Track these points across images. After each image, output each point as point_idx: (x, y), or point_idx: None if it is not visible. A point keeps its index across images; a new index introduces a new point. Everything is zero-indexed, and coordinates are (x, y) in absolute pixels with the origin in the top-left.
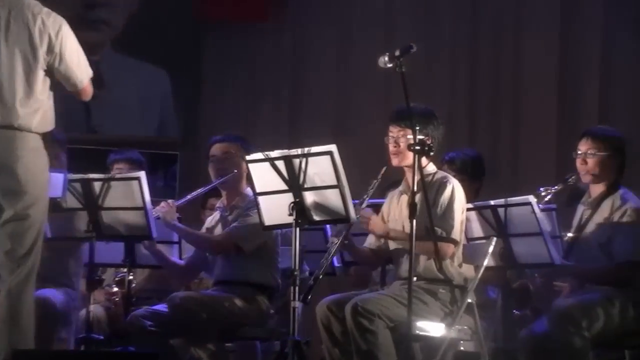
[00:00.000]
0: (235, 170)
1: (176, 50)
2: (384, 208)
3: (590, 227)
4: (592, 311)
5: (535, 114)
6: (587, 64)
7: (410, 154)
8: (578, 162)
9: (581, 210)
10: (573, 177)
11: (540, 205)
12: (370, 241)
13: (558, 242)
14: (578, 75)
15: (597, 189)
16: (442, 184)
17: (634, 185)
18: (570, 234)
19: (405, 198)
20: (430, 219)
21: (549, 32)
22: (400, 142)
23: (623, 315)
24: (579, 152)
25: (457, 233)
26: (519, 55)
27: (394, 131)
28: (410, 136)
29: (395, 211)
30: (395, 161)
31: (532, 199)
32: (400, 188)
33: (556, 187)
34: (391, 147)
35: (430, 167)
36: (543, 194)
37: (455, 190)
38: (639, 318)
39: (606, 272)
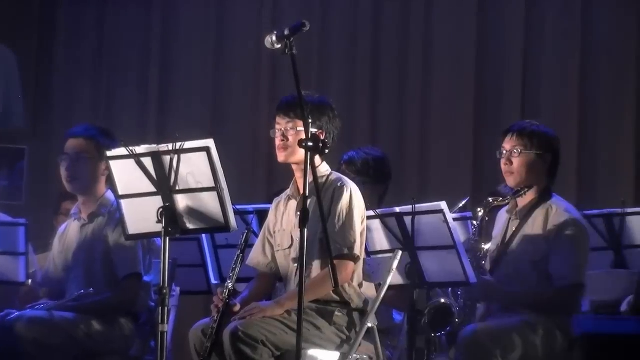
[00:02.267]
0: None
1: (23, 26)
2: (270, 217)
3: (519, 241)
4: (508, 339)
5: (447, 109)
6: (508, 57)
7: (300, 150)
8: (502, 163)
9: (505, 220)
10: (526, 189)
11: (454, 214)
12: (258, 260)
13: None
14: (498, 70)
15: (526, 197)
16: (337, 189)
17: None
18: (486, 246)
19: (293, 204)
20: (325, 231)
21: (464, 18)
22: (289, 135)
23: (549, 343)
24: (503, 150)
25: (358, 248)
26: (429, 45)
27: (281, 123)
28: (301, 129)
29: (283, 220)
30: (281, 157)
31: (444, 205)
32: (288, 192)
33: (507, 198)
34: (277, 141)
35: (324, 168)
36: (495, 204)
37: (353, 196)
38: (569, 345)
39: (546, 298)
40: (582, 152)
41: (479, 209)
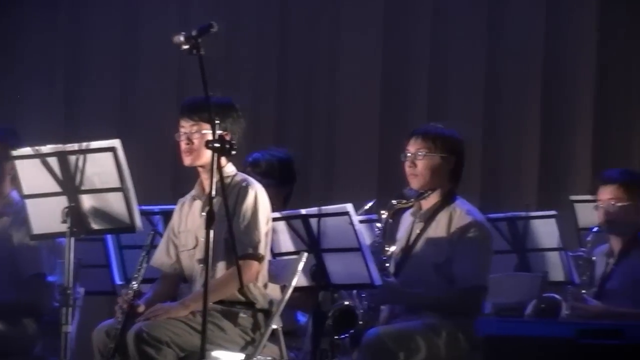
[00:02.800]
0: None
1: None
2: (174, 217)
3: (422, 244)
4: (412, 341)
5: (354, 111)
6: (415, 60)
7: (206, 152)
8: (406, 165)
9: (409, 223)
10: (430, 192)
11: (359, 216)
12: (162, 261)
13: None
14: (404, 73)
15: (429, 200)
16: (242, 189)
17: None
18: (390, 249)
19: (198, 204)
20: (231, 231)
21: (372, 20)
22: (194, 138)
23: (452, 345)
24: (408, 153)
25: (263, 247)
26: (336, 46)
27: (185, 126)
28: (205, 131)
29: (187, 220)
30: (187, 160)
31: (349, 207)
32: (193, 192)
33: (412, 201)
34: (183, 145)
35: (229, 169)
36: (400, 206)
37: (258, 196)
38: (472, 347)
39: (448, 299)
40: (486, 155)
41: (383, 212)
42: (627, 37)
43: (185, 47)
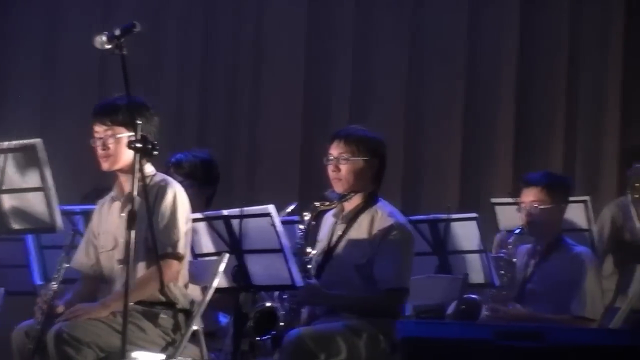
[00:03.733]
0: None
1: None
2: (94, 218)
3: (344, 245)
4: (333, 343)
5: (277, 113)
6: (337, 61)
7: (124, 155)
8: (330, 169)
9: (331, 224)
10: (352, 194)
11: (281, 218)
12: (81, 262)
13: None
14: (327, 74)
15: (352, 201)
16: (161, 189)
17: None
18: (312, 250)
19: (117, 205)
20: (152, 230)
21: (295, 18)
22: (109, 143)
23: (373, 347)
24: (331, 157)
25: (182, 247)
26: (260, 47)
27: (99, 131)
28: (120, 135)
29: (107, 221)
30: (105, 165)
31: (271, 209)
32: (112, 193)
33: (334, 203)
34: (99, 150)
35: (148, 169)
36: (322, 208)
37: (177, 196)
38: (392, 349)
39: (369, 301)
40: (407, 157)
41: (305, 213)
42: (547, 39)
43: (108, 47)
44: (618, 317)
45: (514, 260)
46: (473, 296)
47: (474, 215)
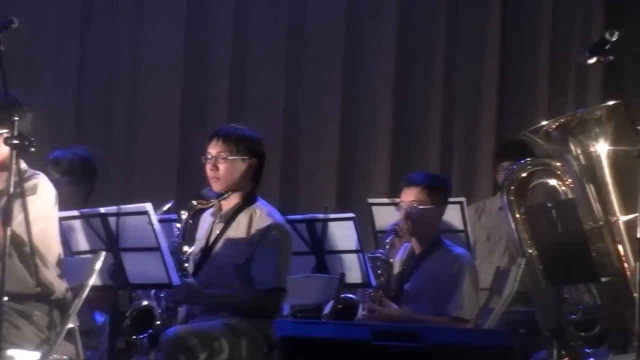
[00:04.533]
0: None
1: None
2: None
3: (222, 244)
4: (215, 341)
5: (154, 110)
6: (216, 59)
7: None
8: (208, 168)
9: (209, 223)
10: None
11: (159, 216)
12: None
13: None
14: (206, 73)
15: (229, 201)
16: (29, 183)
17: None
18: (190, 249)
19: None
20: (28, 228)
21: (173, 17)
22: None
23: (252, 347)
24: (209, 155)
25: (54, 242)
26: (138, 42)
27: None
28: None
29: None
30: None
31: (149, 207)
32: None
33: (211, 201)
34: None
35: (21, 165)
36: (199, 207)
37: (44, 189)
38: (269, 349)
39: (247, 300)
40: (285, 157)
41: (182, 212)
42: (423, 38)
43: None
44: (492, 317)
45: (391, 260)
46: (350, 296)
47: (351, 215)
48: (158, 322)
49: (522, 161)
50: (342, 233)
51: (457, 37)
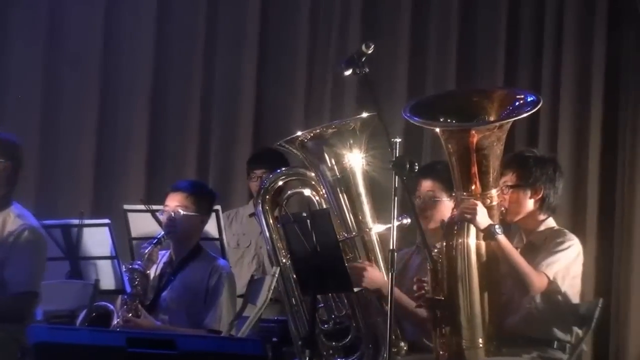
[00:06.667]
0: None
1: None
2: None
3: None
4: None
5: None
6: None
7: None
8: None
9: None
10: None
11: None
12: None
13: None
14: None
15: None
16: None
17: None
18: None
19: None
20: None
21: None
22: None
23: (5, 353)
24: None
25: None
26: None
27: None
28: None
29: None
30: None
31: None
32: None
33: None
34: None
35: None
36: None
37: None
38: (22, 355)
39: None
40: (42, 161)
41: None
42: (182, 46)
43: None
44: (246, 326)
45: (148, 272)
46: (105, 303)
47: (106, 221)
48: None
49: (278, 170)
50: (98, 239)
51: (215, 44)
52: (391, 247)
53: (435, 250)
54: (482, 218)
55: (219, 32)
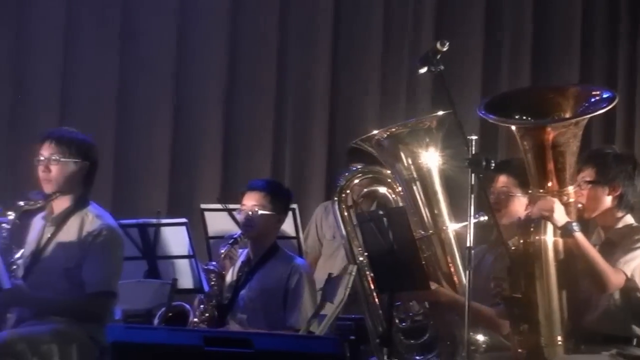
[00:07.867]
0: None
1: None
2: None
3: (52, 248)
4: (44, 345)
5: None
6: (48, 62)
7: None
8: (40, 170)
9: (41, 226)
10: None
11: None
12: None
13: None
14: (37, 74)
15: (61, 204)
16: None
17: None
18: (19, 252)
19: None
20: None
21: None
22: None
23: (84, 352)
24: (41, 157)
25: None
26: None
27: None
28: None
29: None
30: None
31: None
32: None
33: (39, 202)
34: None
35: None
36: (27, 208)
37: None
38: (101, 354)
39: (76, 305)
40: (118, 161)
41: (9, 213)
42: (256, 41)
43: None
44: (324, 324)
45: (224, 272)
46: (181, 303)
47: (184, 220)
48: None
49: (354, 168)
50: (175, 238)
51: (288, 43)
52: (468, 245)
53: (513, 248)
54: (560, 215)
55: (291, 31)
